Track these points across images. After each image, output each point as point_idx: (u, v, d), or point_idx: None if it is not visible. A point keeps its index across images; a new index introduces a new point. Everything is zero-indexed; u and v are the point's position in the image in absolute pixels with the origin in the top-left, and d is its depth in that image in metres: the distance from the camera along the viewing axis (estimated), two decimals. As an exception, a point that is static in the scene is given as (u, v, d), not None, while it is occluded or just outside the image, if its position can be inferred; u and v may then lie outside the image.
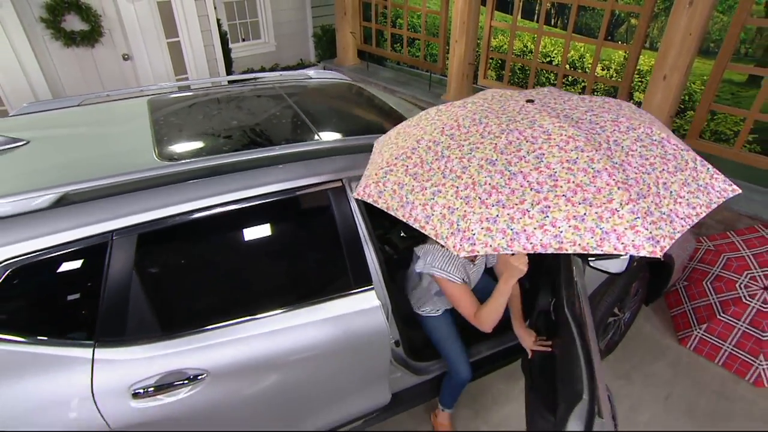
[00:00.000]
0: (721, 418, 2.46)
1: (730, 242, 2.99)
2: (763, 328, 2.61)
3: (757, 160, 3.48)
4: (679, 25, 3.42)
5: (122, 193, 1.43)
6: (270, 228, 1.65)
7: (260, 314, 1.59)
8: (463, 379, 2.03)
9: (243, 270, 1.66)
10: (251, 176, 1.56)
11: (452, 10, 4.93)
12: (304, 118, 2.00)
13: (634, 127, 1.32)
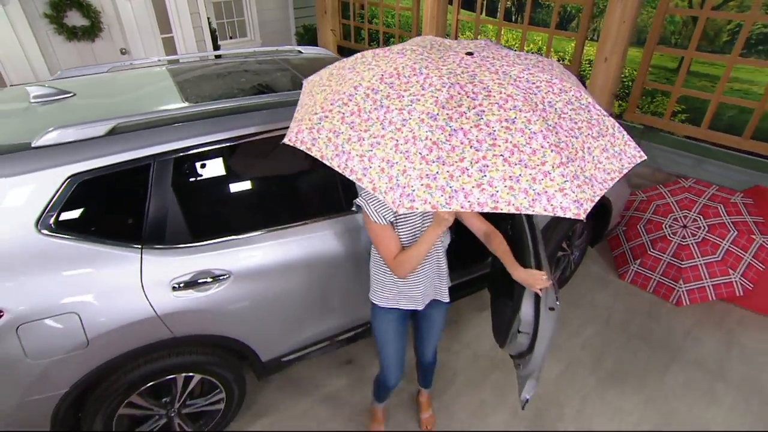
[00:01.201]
0: (647, 332, 2.87)
1: (659, 193, 3.43)
2: (682, 258, 3.05)
3: (683, 128, 3.96)
4: (615, 14, 3.86)
5: (160, 125, 1.72)
6: (280, 157, 1.95)
7: (275, 227, 1.89)
8: (391, 384, 1.95)
9: (259, 190, 1.96)
10: (261, 115, 1.87)
11: (423, 7, 5.31)
12: (299, 76, 2.30)
13: (565, 89, 1.33)
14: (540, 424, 2.31)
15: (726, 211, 3.10)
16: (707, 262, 3.00)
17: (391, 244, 1.57)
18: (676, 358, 2.69)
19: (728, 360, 2.69)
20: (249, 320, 1.93)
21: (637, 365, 2.65)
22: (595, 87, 4.21)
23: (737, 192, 3.24)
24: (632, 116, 4.22)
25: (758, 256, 2.94)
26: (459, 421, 2.32)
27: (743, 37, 3.42)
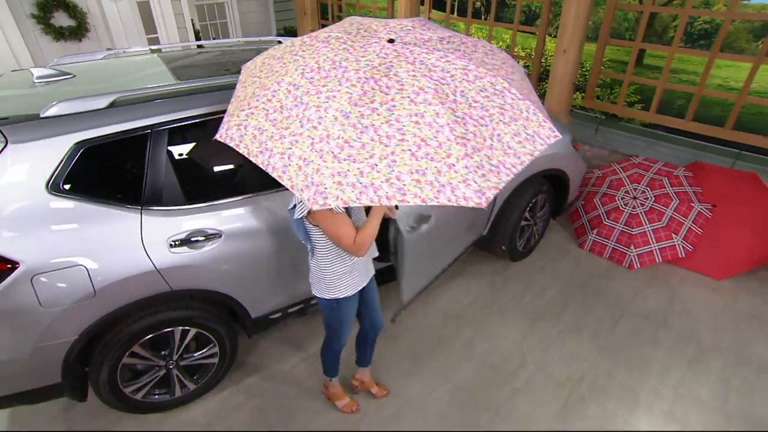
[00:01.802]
0: (602, 290, 3.13)
1: (613, 170, 3.71)
2: (632, 226, 3.33)
3: (635, 113, 4.27)
4: (570, 11, 4.15)
5: (156, 100, 1.89)
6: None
7: (261, 192, 2.08)
8: (342, 347, 2.07)
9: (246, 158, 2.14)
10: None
11: (397, 7, 5.55)
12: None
13: (480, 76, 1.35)
14: (505, 369, 2.53)
15: (670, 183, 3.39)
16: (654, 229, 3.29)
17: (350, 229, 1.58)
18: (626, 312, 2.96)
19: (670, 312, 2.96)
20: (239, 277, 2.11)
21: (593, 319, 2.90)
22: (556, 77, 4.50)
23: (680, 167, 3.54)
24: (591, 104, 4.52)
25: (697, 221, 3.24)
26: (432, 371, 2.52)
27: (681, 30, 3.74)
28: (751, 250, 3.20)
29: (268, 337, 2.73)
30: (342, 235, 1.57)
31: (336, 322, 1.93)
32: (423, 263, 2.46)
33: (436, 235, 2.43)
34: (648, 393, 2.43)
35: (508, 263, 3.38)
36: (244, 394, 2.39)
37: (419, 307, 2.96)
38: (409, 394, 2.39)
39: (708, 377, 2.52)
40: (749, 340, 2.76)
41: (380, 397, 2.36)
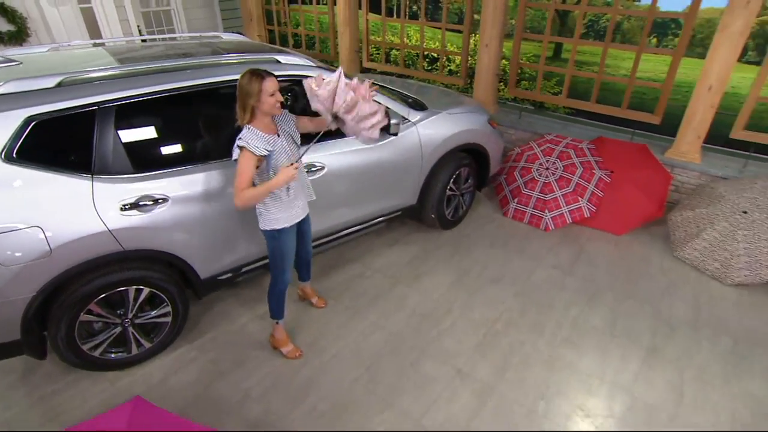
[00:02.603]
0: (521, 249, 3.57)
1: (529, 146, 4.20)
2: (546, 193, 3.80)
3: (550, 98, 4.81)
4: (488, 9, 4.65)
5: (101, 81, 2.13)
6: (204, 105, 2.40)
7: (204, 161, 2.34)
8: (286, 285, 2.41)
9: (188, 132, 2.40)
10: (185, 73, 2.32)
11: (336, 11, 5.91)
12: (220, 50, 2.76)
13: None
14: (434, 317, 2.88)
15: (576, 154, 3.90)
16: (564, 194, 3.77)
17: (249, 176, 1.99)
18: (540, 265, 3.40)
19: (577, 263, 3.43)
20: (187, 239, 2.35)
21: (511, 272, 3.31)
22: (481, 69, 4.98)
23: (584, 141, 4.06)
24: (513, 92, 5.03)
25: (598, 185, 3.74)
26: (369, 320, 2.84)
27: (579, 24, 4.30)
28: (643, 208, 3.73)
29: (220, 300, 2.96)
30: (242, 176, 2.00)
31: (279, 253, 2.31)
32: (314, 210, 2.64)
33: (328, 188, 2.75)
34: (552, 325, 2.84)
35: (440, 232, 3.76)
36: (197, 350, 2.62)
37: (358, 271, 3.28)
38: (347, 341, 2.70)
39: (600, 309, 2.98)
40: (636, 280, 3.26)
41: (319, 307, 2.91)
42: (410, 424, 2.22)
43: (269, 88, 2.03)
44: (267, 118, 2.12)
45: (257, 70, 2.05)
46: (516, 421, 2.24)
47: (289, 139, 2.21)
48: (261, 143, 2.04)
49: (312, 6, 6.41)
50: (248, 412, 2.26)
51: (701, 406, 2.34)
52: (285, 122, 2.25)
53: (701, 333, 2.81)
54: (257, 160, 2.04)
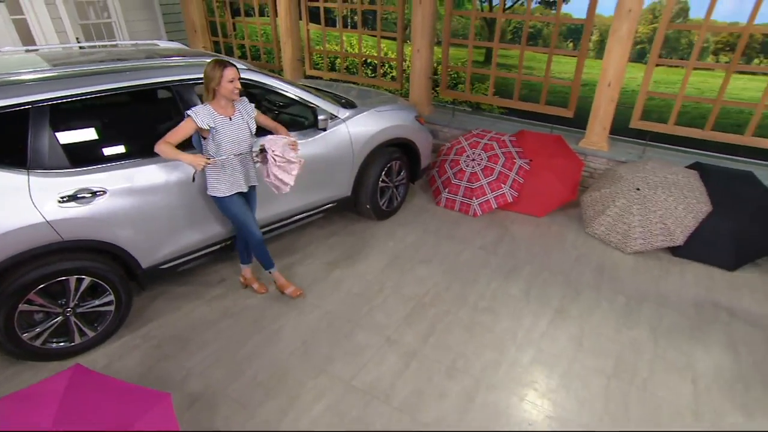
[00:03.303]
0: (451, 234, 3.92)
1: (458, 140, 4.60)
2: (473, 182, 4.19)
3: (479, 98, 5.26)
4: (417, 17, 5.07)
5: (34, 82, 2.30)
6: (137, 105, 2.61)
7: (141, 157, 2.54)
8: (259, 236, 2.81)
9: (123, 129, 2.59)
10: (119, 75, 2.52)
11: (279, 23, 6.19)
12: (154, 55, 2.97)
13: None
14: (366, 295, 3.16)
15: (498, 146, 4.32)
16: (489, 182, 4.17)
17: (179, 135, 2.42)
18: (467, 246, 3.76)
19: (501, 244, 3.81)
20: (126, 229, 2.53)
21: (441, 253, 3.65)
22: (414, 73, 5.38)
23: (506, 134, 4.50)
24: (444, 93, 5.45)
25: (519, 173, 4.17)
26: (307, 302, 3.08)
27: (498, 30, 4.78)
28: (559, 192, 4.19)
29: (167, 289, 3.12)
30: (175, 133, 2.41)
31: (233, 216, 2.72)
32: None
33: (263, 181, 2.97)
34: (474, 296, 3.19)
35: (376, 222, 4.07)
36: (142, 338, 2.77)
37: (298, 260, 3.52)
38: (287, 320, 2.93)
39: (518, 281, 3.35)
40: (552, 255, 3.67)
41: (260, 293, 3.15)
42: (341, 386, 2.47)
43: (229, 76, 2.42)
44: (225, 100, 2.51)
45: (221, 59, 2.45)
46: (436, 376, 2.54)
47: (243, 125, 2.60)
48: (207, 118, 2.45)
49: (255, 18, 6.66)
50: (190, 387, 2.45)
51: (595, 352, 2.73)
52: (245, 110, 2.63)
53: (601, 294, 3.23)
54: (195, 129, 2.45)
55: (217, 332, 2.82)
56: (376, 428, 2.24)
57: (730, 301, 3.19)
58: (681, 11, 4.67)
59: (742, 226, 3.50)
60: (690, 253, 3.61)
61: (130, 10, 6.89)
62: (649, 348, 2.77)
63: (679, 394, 2.46)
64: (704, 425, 2.29)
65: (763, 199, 3.62)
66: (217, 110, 2.49)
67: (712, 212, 3.56)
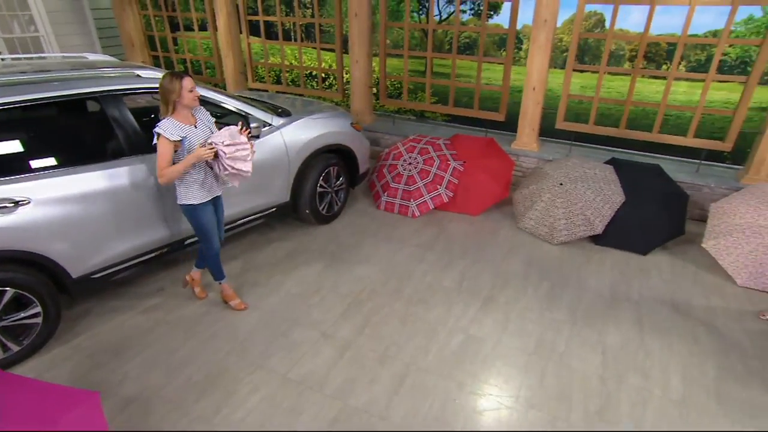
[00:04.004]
0: (389, 235, 4.19)
1: (395, 146, 4.91)
2: (410, 184, 4.50)
3: (417, 104, 5.62)
4: (354, 29, 5.40)
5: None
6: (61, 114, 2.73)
7: (67, 166, 2.65)
8: (216, 251, 2.99)
9: (47, 139, 2.70)
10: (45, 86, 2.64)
11: (219, 37, 6.37)
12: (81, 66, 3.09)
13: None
14: (305, 295, 3.35)
15: (433, 149, 4.66)
16: (425, 184, 4.48)
17: (167, 157, 2.58)
18: (405, 245, 4.02)
19: (437, 241, 4.11)
20: (53, 238, 2.62)
21: (379, 253, 3.90)
22: (355, 83, 5.69)
23: (441, 138, 4.86)
24: (384, 101, 5.79)
25: (454, 174, 4.51)
26: (268, 287, 3.23)
27: (430, 41, 5.18)
28: (492, 191, 4.55)
29: (101, 300, 3.18)
30: (162, 158, 2.58)
31: (198, 226, 2.87)
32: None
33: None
34: (410, 290, 3.44)
35: (317, 227, 4.28)
36: (73, 349, 2.84)
37: (239, 265, 3.67)
38: (224, 323, 3.07)
39: (452, 274, 3.64)
40: (485, 249, 4.00)
41: (201, 298, 3.31)
42: (277, 379, 2.64)
43: (188, 86, 2.59)
44: (186, 110, 2.67)
45: (175, 72, 2.61)
46: (369, 364, 2.75)
47: (207, 130, 2.79)
48: (175, 130, 2.60)
49: (195, 32, 6.81)
50: (124, 392, 2.54)
51: (519, 334, 3.03)
52: (205, 117, 2.82)
53: (528, 282, 3.57)
54: (173, 145, 2.60)
55: (153, 339, 2.92)
56: (309, 415, 2.42)
57: (641, 282, 3.60)
58: (598, 22, 5.26)
59: (651, 214, 3.96)
60: (609, 240, 4.03)
61: (60, 24, 6.87)
62: (568, 327, 3.10)
63: (589, 364, 2.79)
64: (608, 388, 2.62)
65: (668, 189, 4.11)
66: (181, 121, 2.65)
67: (626, 202, 4.00)
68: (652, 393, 2.60)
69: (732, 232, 3.65)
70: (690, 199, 4.39)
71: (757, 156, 4.20)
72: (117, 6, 6.96)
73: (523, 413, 2.46)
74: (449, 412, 2.46)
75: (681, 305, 3.35)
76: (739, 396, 2.59)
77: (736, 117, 4.23)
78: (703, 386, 2.65)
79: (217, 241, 2.98)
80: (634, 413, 2.47)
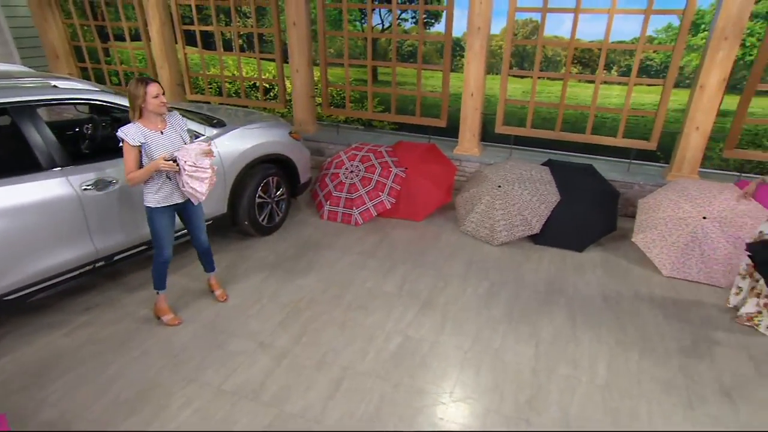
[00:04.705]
0: (332, 244, 4.33)
1: (338, 154, 5.08)
2: (352, 192, 4.67)
3: (357, 113, 5.84)
4: (293, 38, 5.58)
5: None
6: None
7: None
8: (167, 256, 3.06)
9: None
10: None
11: (153, 47, 6.39)
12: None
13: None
14: (243, 306, 3.43)
15: (375, 157, 4.86)
16: (367, 191, 4.66)
17: (132, 161, 2.74)
18: (347, 253, 4.18)
19: (379, 248, 4.29)
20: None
21: (320, 262, 4.03)
22: (296, 92, 5.85)
23: (383, 145, 5.08)
24: (327, 111, 5.98)
25: (396, 180, 4.72)
26: (184, 319, 3.27)
27: (369, 49, 5.42)
28: (434, 196, 4.79)
29: (18, 326, 3.14)
30: (127, 162, 2.75)
31: (151, 230, 2.98)
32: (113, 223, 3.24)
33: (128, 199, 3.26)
34: (350, 297, 3.58)
35: (258, 238, 4.37)
36: (-13, 376, 2.79)
37: (176, 279, 3.70)
38: (157, 338, 3.10)
39: (393, 279, 3.82)
40: (427, 254, 4.21)
41: (221, 300, 3.49)
42: (211, 391, 2.70)
43: (153, 92, 2.71)
44: (154, 116, 2.78)
45: (142, 77, 2.72)
46: (305, 371, 2.86)
47: (176, 137, 2.91)
48: (137, 135, 2.72)
49: (127, 42, 6.79)
50: (44, 416, 2.53)
51: (456, 333, 3.23)
52: (176, 124, 2.94)
53: (468, 282, 3.79)
54: (138, 149, 2.75)
55: (79, 360, 2.91)
56: (243, 424, 2.50)
57: (575, 277, 3.90)
58: (534, 29, 5.68)
59: (585, 212, 4.30)
60: (546, 239, 4.34)
61: (-26, 35, 6.69)
62: (504, 324, 3.33)
63: (523, 357, 3.01)
64: (539, 379, 2.84)
65: (601, 187, 4.48)
66: (146, 126, 2.77)
67: (561, 201, 4.33)
68: (580, 381, 2.84)
69: (657, 226, 4.03)
70: (622, 196, 4.79)
71: (679, 154, 4.65)
72: (37, 14, 6.85)
73: (456, 407, 2.64)
74: (385, 412, 2.60)
75: (611, 298, 3.66)
76: (659, 376, 2.88)
77: (657, 118, 4.68)
78: (627, 371, 2.92)
79: (167, 250, 3.06)
80: (562, 400, 2.70)
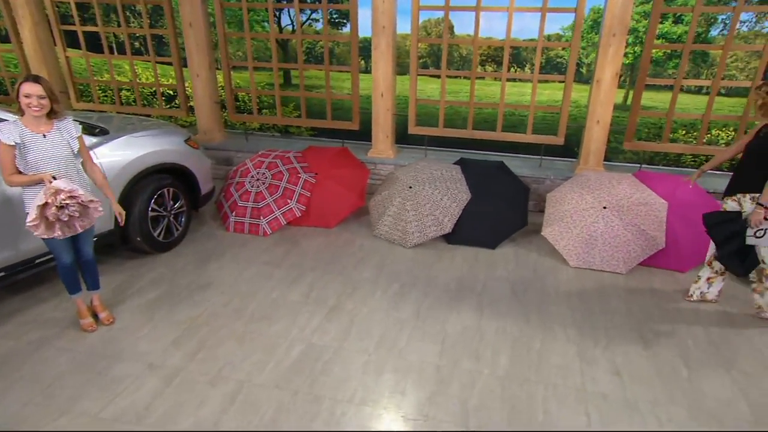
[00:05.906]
0: (236, 255, 4.37)
1: (243, 162, 5.14)
2: (259, 201, 4.74)
3: (267, 118, 5.93)
4: (190, 40, 5.60)
5: None
6: None
7: None
8: (68, 262, 3.14)
9: None
10: None
11: (26, 50, 6.15)
12: None
13: None
14: (130, 328, 3.39)
15: (283, 163, 4.97)
16: (275, 199, 4.75)
17: (8, 163, 2.75)
18: (252, 264, 4.23)
19: (287, 257, 4.38)
20: None
21: (223, 274, 4.06)
22: (198, 98, 5.86)
23: (291, 151, 5.20)
24: (234, 117, 6.02)
25: (305, 187, 4.85)
26: (55, 347, 3.19)
27: (275, 52, 5.56)
28: (347, 201, 4.96)
29: None
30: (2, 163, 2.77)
31: (46, 241, 3.00)
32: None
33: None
34: (252, 308, 3.64)
35: (154, 255, 4.32)
36: None
37: (52, 304, 3.59)
38: (28, 370, 3.00)
39: (300, 287, 3.92)
40: (338, 260, 4.35)
41: (108, 323, 3.44)
42: (86, 421, 2.66)
43: (24, 90, 2.71)
44: (33, 117, 2.77)
45: (29, 75, 2.70)
46: (198, 387, 2.89)
47: (62, 143, 2.91)
48: (13, 133, 2.73)
49: (-1, 46, 6.50)
50: None
51: (361, 337, 3.37)
52: (66, 129, 2.95)
53: (378, 286, 3.96)
54: (13, 149, 2.74)
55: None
56: (122, 450, 2.49)
57: (486, 273, 4.19)
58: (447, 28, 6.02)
59: (496, 209, 4.63)
60: (459, 238, 4.61)
61: None
62: (411, 323, 3.51)
63: (428, 354, 3.20)
64: (442, 374, 3.04)
65: (511, 183, 4.84)
66: (27, 126, 2.76)
67: (472, 199, 4.63)
68: (481, 373, 3.06)
69: (563, 218, 4.41)
70: (534, 191, 5.19)
71: (584, 147, 5.12)
72: None
73: (355, 411, 2.77)
74: (281, 422, 2.68)
75: (519, 291, 3.96)
76: (556, 363, 3.16)
77: (561, 113, 5.13)
78: (527, 360, 3.18)
79: (65, 256, 3.11)
80: (462, 394, 2.90)
